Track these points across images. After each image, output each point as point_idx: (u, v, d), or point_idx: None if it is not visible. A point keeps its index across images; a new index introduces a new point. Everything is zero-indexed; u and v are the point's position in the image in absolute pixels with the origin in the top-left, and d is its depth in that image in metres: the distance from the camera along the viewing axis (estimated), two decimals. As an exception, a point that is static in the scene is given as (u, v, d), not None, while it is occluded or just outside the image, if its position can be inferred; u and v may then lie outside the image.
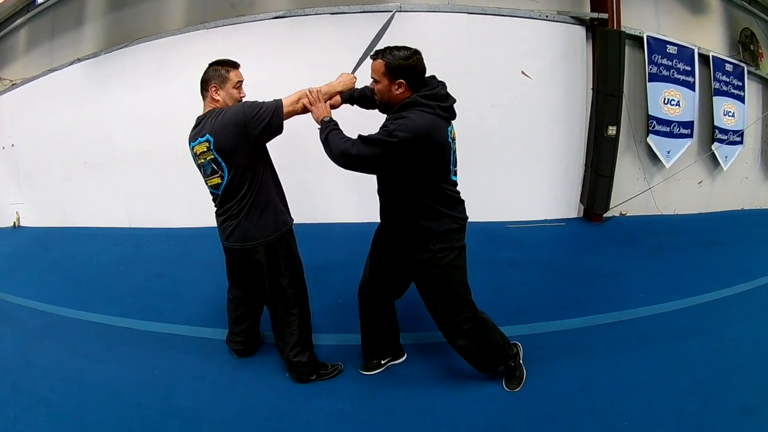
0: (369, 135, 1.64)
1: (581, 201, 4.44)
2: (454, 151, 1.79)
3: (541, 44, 3.99)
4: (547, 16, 3.98)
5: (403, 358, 2.29)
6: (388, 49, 1.67)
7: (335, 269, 3.28)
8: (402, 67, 1.64)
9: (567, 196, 4.39)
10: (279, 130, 1.84)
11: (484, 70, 3.92)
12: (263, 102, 1.83)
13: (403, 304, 2.20)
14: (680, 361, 2.29)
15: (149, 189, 4.26)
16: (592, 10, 4.08)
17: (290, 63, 3.84)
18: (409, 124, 1.59)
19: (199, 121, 1.90)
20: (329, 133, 1.74)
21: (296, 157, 3.83)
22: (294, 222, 2.08)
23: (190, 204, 4.12)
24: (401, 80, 1.66)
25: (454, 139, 1.78)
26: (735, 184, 5.03)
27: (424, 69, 1.70)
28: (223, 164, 1.83)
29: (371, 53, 1.75)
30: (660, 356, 2.33)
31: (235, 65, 1.93)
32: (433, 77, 1.76)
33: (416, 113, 1.63)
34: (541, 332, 2.55)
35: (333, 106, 1.94)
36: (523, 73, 3.98)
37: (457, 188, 1.84)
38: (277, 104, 1.82)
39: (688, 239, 4.11)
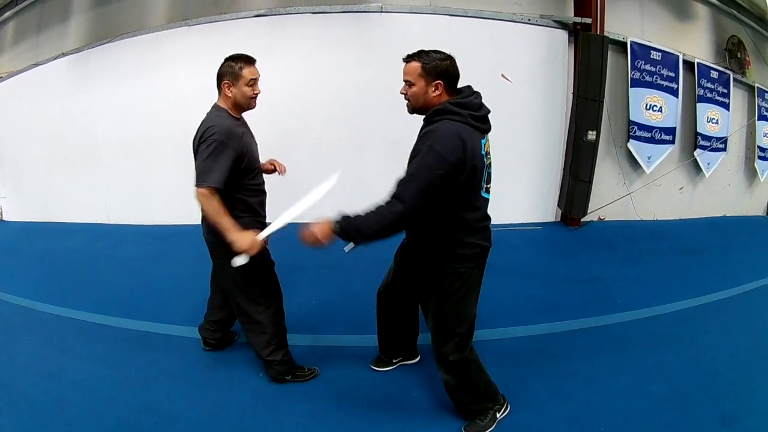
0: (406, 177, 1.48)
1: (559, 205, 4.44)
2: (488, 166, 1.66)
3: (522, 48, 4.00)
4: (529, 20, 3.98)
5: (416, 359, 2.27)
6: (422, 52, 1.58)
7: (310, 269, 3.28)
8: (439, 67, 1.55)
9: (544, 199, 4.40)
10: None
11: (464, 72, 3.80)
12: (213, 161, 1.73)
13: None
14: (657, 368, 2.27)
15: (129, 185, 4.27)
16: (576, 15, 4.08)
17: (270, 62, 3.83)
18: (439, 136, 1.49)
19: (210, 110, 1.91)
20: (359, 224, 1.51)
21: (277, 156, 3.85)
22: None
23: (169, 201, 4.13)
24: (439, 81, 1.56)
25: (488, 153, 1.65)
26: (717, 190, 5.04)
27: (458, 73, 1.61)
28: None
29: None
30: (637, 363, 2.31)
31: (250, 61, 1.86)
32: (468, 86, 1.65)
33: (445, 122, 1.53)
34: (515, 337, 2.53)
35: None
36: (503, 76, 3.98)
37: (486, 211, 1.70)
38: (208, 178, 1.72)
39: (667, 245, 4.11)
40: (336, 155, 4.05)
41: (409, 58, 1.60)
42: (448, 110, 1.54)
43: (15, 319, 2.75)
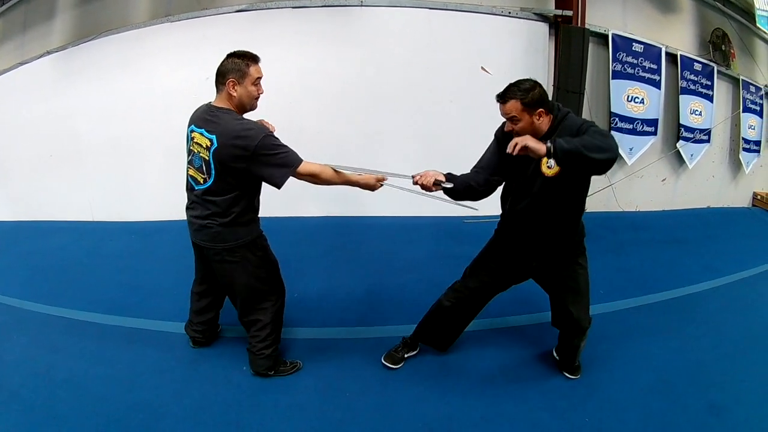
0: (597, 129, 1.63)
1: (541, 196, 4.45)
2: None
3: (502, 40, 4.02)
4: (509, 13, 4.00)
5: (417, 350, 2.33)
6: (513, 88, 1.68)
7: (292, 262, 3.29)
8: (535, 96, 1.68)
9: (526, 191, 4.40)
10: (276, 185, 1.77)
11: (444, 65, 3.94)
12: (285, 150, 1.75)
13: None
14: (642, 358, 2.29)
15: (112, 182, 4.26)
16: (557, 7, 4.10)
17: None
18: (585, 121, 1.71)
19: (213, 111, 1.77)
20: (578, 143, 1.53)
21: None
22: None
23: (153, 198, 4.15)
24: (541, 109, 1.69)
25: None
26: (701, 182, 5.06)
27: (546, 92, 1.76)
28: (213, 171, 1.75)
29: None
30: (621, 353, 2.33)
31: (255, 59, 1.78)
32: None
33: (570, 115, 1.75)
34: (497, 328, 2.54)
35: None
36: (483, 69, 4.00)
37: None
38: (295, 162, 1.74)
39: (650, 236, 4.13)
40: (317, 148, 4.04)
41: (504, 98, 1.70)
42: (564, 112, 1.76)
43: (2, 318, 2.74)
